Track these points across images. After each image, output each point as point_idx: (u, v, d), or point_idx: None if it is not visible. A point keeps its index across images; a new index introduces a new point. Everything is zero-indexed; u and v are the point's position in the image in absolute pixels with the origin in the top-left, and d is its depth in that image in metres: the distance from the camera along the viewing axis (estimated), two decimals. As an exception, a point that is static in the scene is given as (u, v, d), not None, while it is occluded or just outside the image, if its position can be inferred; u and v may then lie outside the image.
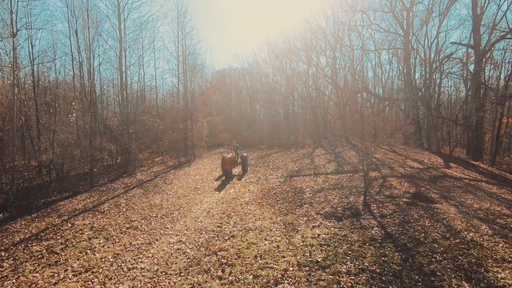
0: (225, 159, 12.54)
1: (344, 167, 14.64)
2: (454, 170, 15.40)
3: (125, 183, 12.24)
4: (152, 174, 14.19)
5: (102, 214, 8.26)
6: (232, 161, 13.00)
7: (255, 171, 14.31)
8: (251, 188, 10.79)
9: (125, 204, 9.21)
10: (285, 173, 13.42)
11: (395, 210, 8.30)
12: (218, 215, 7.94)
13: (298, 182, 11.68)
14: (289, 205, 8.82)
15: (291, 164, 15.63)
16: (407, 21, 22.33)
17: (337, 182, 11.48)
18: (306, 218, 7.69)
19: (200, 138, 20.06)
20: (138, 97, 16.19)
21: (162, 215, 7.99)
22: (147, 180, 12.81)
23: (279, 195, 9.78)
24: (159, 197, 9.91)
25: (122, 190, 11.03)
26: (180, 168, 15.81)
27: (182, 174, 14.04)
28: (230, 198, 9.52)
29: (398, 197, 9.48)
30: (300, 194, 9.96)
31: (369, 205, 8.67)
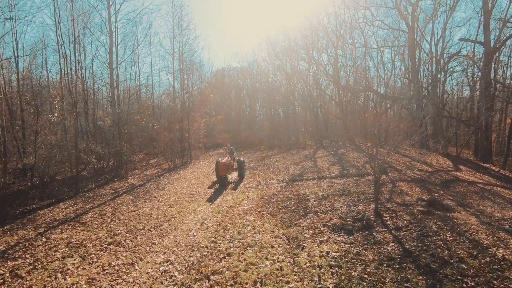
0: (219, 165, 11.25)
1: (349, 170, 13.79)
2: (465, 173, 14.56)
3: (115, 188, 11.37)
4: (145, 178, 13.32)
5: (83, 225, 7.39)
6: (227, 167, 11.78)
7: (254, 174, 13.44)
8: (250, 195, 9.92)
9: (111, 213, 8.34)
10: (286, 177, 12.56)
11: (410, 220, 7.45)
12: (213, 227, 7.07)
13: (301, 188, 10.82)
14: (292, 215, 7.96)
15: (292, 167, 14.76)
16: (413, 17, 21.49)
17: (343, 188, 10.62)
18: (312, 231, 6.83)
19: (198, 139, 19.20)
20: (130, 96, 15.28)
21: (150, 227, 7.11)
22: (138, 185, 11.94)
23: (281, 203, 8.92)
24: (149, 205, 9.03)
25: (110, 197, 10.16)
26: (175, 171, 14.93)
27: (177, 178, 13.16)
28: (227, 207, 8.66)
29: (412, 205, 8.62)
30: (304, 201, 9.10)
31: (381, 215, 7.82)
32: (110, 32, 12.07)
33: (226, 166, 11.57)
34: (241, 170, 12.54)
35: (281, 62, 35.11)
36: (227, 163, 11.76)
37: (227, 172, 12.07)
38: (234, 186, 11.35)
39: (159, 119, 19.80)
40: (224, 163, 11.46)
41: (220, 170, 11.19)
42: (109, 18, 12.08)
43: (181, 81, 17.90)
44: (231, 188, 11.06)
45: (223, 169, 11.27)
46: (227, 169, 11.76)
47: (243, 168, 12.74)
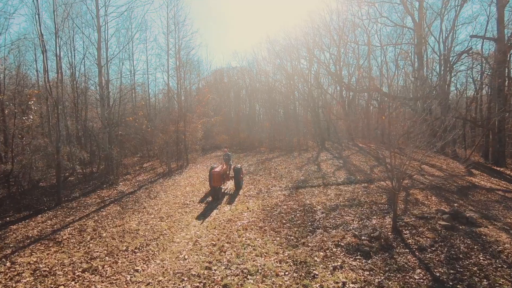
0: (213, 174, 9.65)
1: (357, 176, 12.83)
2: (480, 178, 13.62)
3: (102, 197, 10.38)
4: (136, 185, 12.33)
5: (58, 245, 6.40)
6: (222, 176, 10.13)
7: (255, 181, 12.47)
8: (251, 205, 8.95)
9: (93, 229, 7.35)
10: (290, 184, 11.60)
11: (434, 238, 6.49)
12: (208, 247, 6.10)
13: (306, 196, 9.85)
14: (298, 231, 6.99)
15: (295, 172, 13.79)
16: (420, 13, 20.55)
17: (352, 196, 9.66)
18: (323, 252, 5.86)
19: (194, 141, 18.21)
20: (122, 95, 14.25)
21: (135, 248, 6.13)
22: (128, 193, 10.95)
23: (285, 216, 7.95)
24: (138, 218, 8.05)
25: (95, 207, 9.18)
26: (169, 177, 13.94)
27: (171, 185, 12.18)
28: (225, 220, 7.68)
29: (432, 218, 7.66)
30: (311, 213, 8.14)
31: (400, 231, 6.86)
32: (98, 26, 11.08)
33: (221, 175, 9.90)
34: (238, 180, 10.99)
35: (282, 61, 34.12)
36: (221, 172, 10.10)
37: (222, 182, 10.47)
38: (230, 199, 9.85)
39: (154, 120, 18.81)
40: (218, 172, 9.79)
41: (214, 180, 9.64)
42: (97, 11, 11.11)
43: (177, 80, 16.93)
44: (227, 201, 9.59)
45: (217, 179, 9.67)
46: (222, 179, 10.13)
47: (240, 176, 11.20)
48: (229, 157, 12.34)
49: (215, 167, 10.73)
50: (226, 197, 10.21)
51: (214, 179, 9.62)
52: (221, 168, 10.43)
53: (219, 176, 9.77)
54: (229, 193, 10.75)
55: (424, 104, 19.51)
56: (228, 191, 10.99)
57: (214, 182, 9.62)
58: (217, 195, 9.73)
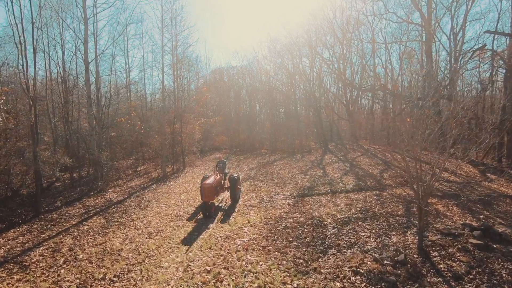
0: (204, 187, 8.07)
1: (366, 182, 11.83)
2: (499, 184, 12.61)
3: (87, 207, 9.37)
4: (127, 191, 11.33)
5: (24, 271, 5.40)
6: (215, 189, 8.50)
7: (256, 187, 11.46)
8: (252, 218, 7.94)
9: (69, 248, 6.35)
10: (294, 191, 10.59)
11: (469, 262, 5.49)
12: (201, 274, 5.10)
13: (314, 206, 8.84)
14: (307, 251, 5.99)
15: (300, 177, 12.79)
16: (428, 8, 19.52)
17: (365, 207, 8.66)
18: (340, 283, 4.85)
19: (192, 143, 17.22)
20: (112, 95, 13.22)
21: (114, 276, 5.13)
22: (117, 202, 9.95)
23: (291, 231, 6.94)
24: (123, 234, 7.04)
25: (77, 220, 8.17)
26: (164, 182, 12.94)
27: (165, 192, 11.18)
28: (222, 237, 6.68)
29: (461, 235, 6.65)
30: (320, 228, 7.13)
31: (428, 252, 5.86)
32: (84, 18, 10.08)
33: (213, 188, 8.25)
34: (234, 191, 9.25)
35: (283, 60, 33.14)
36: (214, 184, 8.39)
37: (216, 196, 8.82)
38: (223, 218, 8.03)
39: (149, 120, 17.82)
40: (211, 185, 8.11)
41: (205, 195, 8.06)
42: (83, 2, 10.11)
43: (174, 78, 15.91)
44: (220, 218, 7.97)
45: (209, 193, 8.06)
46: (214, 192, 8.45)
47: (237, 187, 9.53)
48: (224, 164, 10.59)
49: (208, 177, 9.12)
50: (220, 213, 8.50)
51: (205, 193, 8.06)
52: (214, 180, 8.66)
53: (212, 189, 8.16)
54: (223, 208, 9.08)
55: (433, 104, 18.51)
56: (223, 205, 9.32)
57: (205, 196, 8.09)
58: (209, 211, 8.06)
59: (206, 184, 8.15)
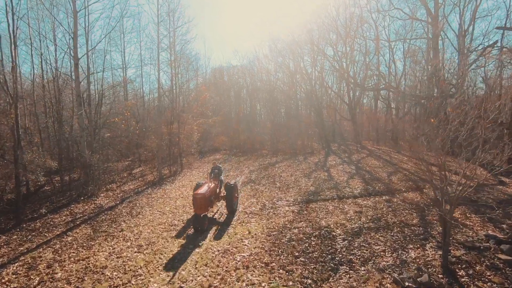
0: (196, 198, 7.03)
1: (375, 186, 11.13)
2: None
3: (74, 214, 8.68)
4: (119, 196, 10.63)
5: (-9, 294, 4.70)
6: (209, 199, 7.44)
7: (257, 192, 10.76)
8: (253, 228, 7.24)
9: (47, 264, 5.65)
10: (298, 196, 9.88)
11: (502, 284, 4.78)
12: (195, 299, 4.39)
13: (320, 214, 8.14)
14: (316, 269, 5.28)
15: (303, 180, 12.08)
16: (436, 4, 18.83)
17: (376, 215, 7.95)
18: (357, 312, 4.15)
19: (190, 144, 16.51)
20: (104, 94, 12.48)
21: (94, 301, 4.43)
22: (108, 208, 9.25)
23: (297, 245, 6.23)
24: (109, 247, 6.34)
25: (62, 229, 7.48)
26: (160, 186, 12.24)
27: (160, 197, 10.48)
28: (220, 251, 5.97)
29: (487, 249, 5.93)
30: (329, 240, 6.42)
31: (454, 271, 5.15)
32: (73, 9, 9.38)
33: (207, 198, 7.22)
34: (231, 201, 8.04)
35: (284, 59, 32.46)
36: (208, 194, 7.38)
37: (210, 207, 7.70)
38: (217, 233, 6.98)
39: (146, 120, 17.13)
40: (203, 194, 7.10)
41: (197, 206, 6.98)
42: (72, -7, 9.43)
43: (171, 76, 15.21)
44: (213, 235, 6.88)
45: (201, 205, 6.99)
46: (208, 203, 7.38)
47: (235, 196, 8.35)
48: (219, 170, 9.39)
49: (201, 185, 8.04)
50: (214, 227, 7.34)
51: (197, 205, 6.98)
52: (208, 188, 7.60)
53: (205, 200, 7.10)
54: (218, 220, 7.93)
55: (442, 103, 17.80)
56: (218, 218, 8.15)
57: (197, 208, 7.00)
58: (201, 225, 6.97)
59: (198, 194, 7.08)
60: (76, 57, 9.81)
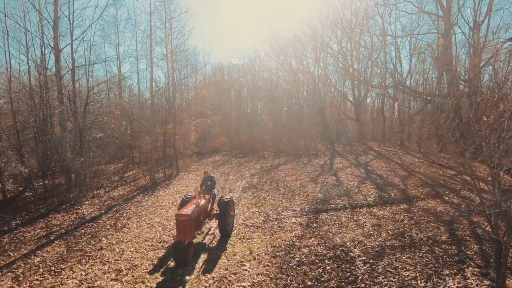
0: (179, 219, 5.35)
1: (389, 192, 10.04)
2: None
3: (51, 226, 7.61)
4: (106, 204, 9.56)
5: None
6: (195, 222, 5.72)
7: (259, 199, 9.67)
8: (255, 246, 6.14)
9: (1, 297, 4.59)
10: (306, 205, 8.79)
11: None
12: None
13: (333, 228, 7.04)
14: (335, 306, 4.20)
15: (310, 186, 10.99)
16: (449, -3, 17.69)
17: (397, 228, 6.85)
18: None
19: (187, 145, 15.45)
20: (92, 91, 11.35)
21: None
22: (90, 219, 8.18)
23: (308, 270, 5.14)
24: (82, 272, 5.26)
25: (32, 246, 6.41)
26: (152, 191, 11.17)
27: (151, 205, 9.40)
28: (216, 279, 4.89)
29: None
30: (347, 264, 5.33)
31: (512, 312, 4.08)
32: (54, -6, 8.33)
33: (192, 221, 5.47)
34: (225, 221, 6.35)
35: (286, 57, 31.40)
36: (195, 215, 5.66)
37: (198, 230, 6.06)
38: (209, 261, 5.47)
39: (139, 120, 16.07)
40: (188, 216, 5.37)
41: (180, 231, 5.32)
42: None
43: (166, 73, 14.13)
44: (201, 268, 5.24)
45: (186, 229, 5.33)
46: (195, 227, 5.73)
47: (230, 215, 6.66)
48: (213, 182, 7.55)
49: (188, 199, 6.49)
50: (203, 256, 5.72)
51: (180, 229, 5.31)
52: (196, 207, 5.86)
53: (191, 223, 5.38)
54: (209, 245, 6.24)
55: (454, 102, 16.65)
56: (208, 242, 6.40)
57: (180, 233, 5.30)
58: (185, 256, 5.19)
59: (182, 215, 5.36)
60: (56, 49, 8.75)
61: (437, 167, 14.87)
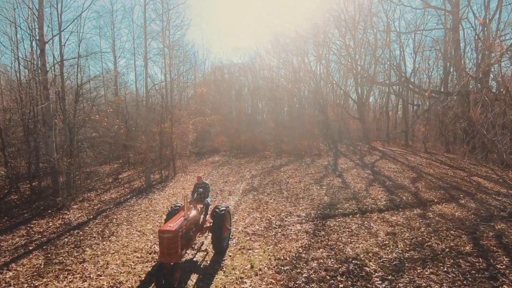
0: (163, 236, 4.32)
1: (400, 195, 9.34)
2: None
3: (32, 234, 6.93)
4: (96, 208, 8.88)
5: None
6: (183, 239, 4.63)
7: (261, 202, 8.99)
8: (257, 258, 5.46)
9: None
10: (311, 210, 8.10)
11: None
12: None
13: (343, 236, 6.34)
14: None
15: (315, 188, 10.30)
16: (457, -9, 16.95)
17: (415, 238, 6.15)
18: None
19: (184, 145, 14.77)
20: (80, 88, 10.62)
21: None
22: (76, 226, 7.50)
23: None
24: (59, 290, 4.58)
25: (7, 258, 5.72)
26: (147, 194, 10.49)
27: (144, 209, 8.72)
28: (211, 300, 4.20)
29: None
30: (363, 281, 4.64)
31: None
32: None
33: (178, 238, 4.40)
34: (219, 236, 5.33)
35: (287, 55, 30.72)
36: (182, 231, 4.61)
37: (186, 249, 4.91)
38: (207, 273, 4.87)
39: (135, 119, 15.40)
40: (175, 233, 4.35)
41: (164, 251, 4.31)
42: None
43: (163, 68, 13.46)
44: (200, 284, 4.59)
45: (171, 249, 4.31)
46: (183, 245, 4.65)
47: (225, 228, 5.56)
48: (206, 189, 6.36)
49: (176, 210, 5.57)
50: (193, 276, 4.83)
51: (165, 249, 4.29)
52: (185, 221, 4.80)
53: (177, 241, 4.35)
54: (201, 263, 5.29)
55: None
56: (200, 260, 5.41)
57: (165, 254, 4.29)
58: (169, 282, 4.21)
59: (165, 231, 4.33)
60: (42, 41, 8.07)
61: (447, 168, 14.17)
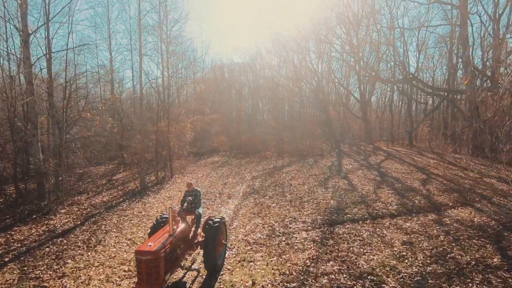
0: (141, 259, 3.36)
1: (412, 198, 8.70)
2: None
3: (11, 242, 6.30)
4: (85, 213, 8.25)
5: None
6: (165, 261, 3.61)
7: (263, 207, 8.35)
8: (259, 273, 4.82)
9: None
10: (318, 216, 7.46)
11: None
12: None
13: (354, 246, 5.70)
14: None
15: (320, 191, 9.66)
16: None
17: (435, 248, 5.51)
18: None
19: (182, 145, 14.13)
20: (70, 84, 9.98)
21: None
22: (60, 233, 6.87)
23: (332, 312, 3.81)
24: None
25: (-22, 272, 5.10)
26: (141, 197, 9.86)
27: (136, 214, 8.08)
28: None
29: None
30: (382, 302, 4.02)
31: None
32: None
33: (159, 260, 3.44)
34: (211, 253, 4.42)
35: (288, 53, 30.09)
36: (164, 252, 3.59)
37: (169, 273, 3.75)
38: None
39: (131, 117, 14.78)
40: (155, 254, 3.40)
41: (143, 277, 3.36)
42: None
43: (160, 64, 12.81)
44: None
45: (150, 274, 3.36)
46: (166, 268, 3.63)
47: (219, 244, 4.69)
48: (197, 198, 5.31)
49: (162, 222, 4.63)
50: None
51: (142, 274, 3.38)
52: (168, 238, 3.84)
53: (158, 264, 3.43)
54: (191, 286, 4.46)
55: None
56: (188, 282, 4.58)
57: (142, 280, 3.38)
58: None
59: (143, 252, 3.41)
60: (26, 32, 7.45)
61: (456, 169, 13.52)
